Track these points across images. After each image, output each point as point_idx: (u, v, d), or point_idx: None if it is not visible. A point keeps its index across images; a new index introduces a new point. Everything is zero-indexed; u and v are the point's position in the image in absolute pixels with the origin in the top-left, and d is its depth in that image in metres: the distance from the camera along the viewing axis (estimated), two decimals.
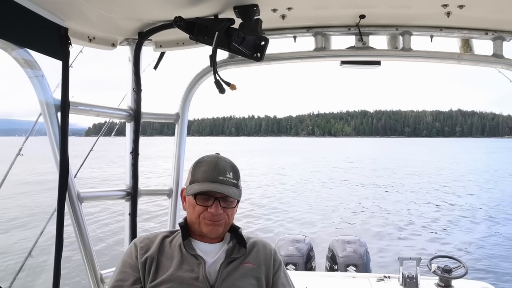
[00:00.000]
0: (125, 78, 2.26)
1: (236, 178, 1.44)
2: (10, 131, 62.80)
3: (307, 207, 14.02)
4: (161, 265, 1.37)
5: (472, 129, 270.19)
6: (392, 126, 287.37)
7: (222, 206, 1.40)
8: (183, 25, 1.72)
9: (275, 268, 1.49)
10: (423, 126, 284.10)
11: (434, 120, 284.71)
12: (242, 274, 1.40)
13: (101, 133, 3.59)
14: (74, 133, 27.19)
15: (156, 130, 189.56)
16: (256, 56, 1.88)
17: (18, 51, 1.61)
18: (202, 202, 1.39)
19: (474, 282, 3.29)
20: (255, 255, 1.47)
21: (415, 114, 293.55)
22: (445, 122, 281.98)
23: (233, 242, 1.49)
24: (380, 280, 3.25)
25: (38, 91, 1.74)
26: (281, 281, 1.47)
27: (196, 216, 1.41)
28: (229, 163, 1.47)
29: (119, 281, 1.35)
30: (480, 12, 1.85)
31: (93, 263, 2.01)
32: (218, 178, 1.39)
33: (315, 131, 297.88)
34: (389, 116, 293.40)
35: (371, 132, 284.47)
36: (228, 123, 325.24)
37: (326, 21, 2.07)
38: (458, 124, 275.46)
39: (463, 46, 2.15)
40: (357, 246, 4.13)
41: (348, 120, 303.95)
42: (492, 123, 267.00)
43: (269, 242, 1.58)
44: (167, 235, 1.49)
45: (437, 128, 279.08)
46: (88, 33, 1.96)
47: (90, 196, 2.03)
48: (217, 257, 1.43)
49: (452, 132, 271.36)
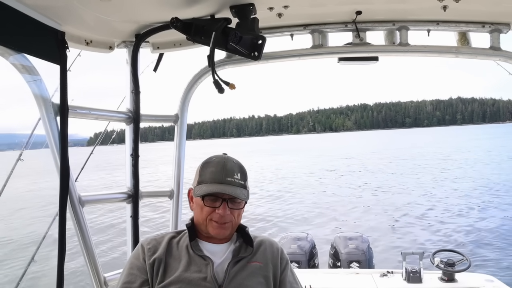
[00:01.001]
0: (123, 80, 2.26)
1: (244, 179, 1.44)
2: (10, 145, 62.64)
3: (309, 205, 14.03)
4: (169, 267, 1.37)
5: (473, 116, 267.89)
6: (393, 118, 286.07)
7: (230, 207, 1.40)
8: (180, 26, 1.72)
9: (282, 266, 1.49)
10: (423, 116, 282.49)
11: (435, 109, 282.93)
12: (249, 273, 1.40)
13: (100, 137, 3.60)
14: (76, 143, 27.21)
15: (157, 136, 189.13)
16: (254, 55, 1.88)
17: (16, 56, 1.61)
18: (210, 203, 1.39)
19: (478, 275, 3.29)
20: (262, 254, 1.48)
21: (415, 104, 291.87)
22: (446, 110, 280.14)
23: (240, 242, 1.49)
24: (384, 276, 3.26)
25: (36, 95, 1.73)
26: (288, 280, 1.47)
27: (204, 217, 1.41)
28: (237, 163, 1.47)
29: (127, 283, 1.35)
30: (477, 5, 1.85)
31: (96, 266, 2.00)
32: (226, 179, 1.39)
33: (316, 128, 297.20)
34: (389, 108, 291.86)
35: (372, 125, 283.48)
36: (228, 124, 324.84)
37: (323, 18, 2.07)
38: (459, 112, 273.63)
39: (460, 40, 2.15)
40: (360, 242, 4.14)
41: (349, 114, 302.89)
42: (493, 108, 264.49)
43: (276, 241, 1.58)
44: (174, 235, 1.49)
45: (437, 117, 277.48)
46: (85, 36, 1.96)
47: (91, 200, 2.03)
48: (225, 257, 1.43)
49: (453, 120, 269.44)
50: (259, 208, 13.58)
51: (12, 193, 5.20)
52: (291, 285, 1.47)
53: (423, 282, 3.09)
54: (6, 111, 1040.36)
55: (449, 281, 3.09)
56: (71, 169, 1.82)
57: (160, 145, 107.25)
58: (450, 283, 3.08)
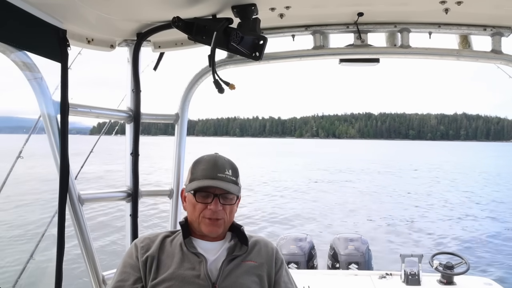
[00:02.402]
0: (124, 79, 2.26)
1: (235, 175, 1.44)
2: (10, 129, 62.28)
3: (309, 206, 14.03)
4: (161, 264, 1.37)
5: (477, 132, 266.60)
6: (397, 128, 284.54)
7: (222, 203, 1.39)
8: (182, 25, 1.72)
9: (277, 266, 1.49)
10: (427, 129, 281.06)
11: (439, 123, 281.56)
12: (244, 271, 1.40)
13: (101, 133, 3.60)
14: (79, 131, 27.25)
15: (160, 129, 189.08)
16: (255, 55, 1.88)
17: (17, 53, 1.61)
18: (201, 199, 1.40)
19: (477, 278, 3.29)
20: (257, 253, 1.47)
21: (419, 117, 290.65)
22: (450, 125, 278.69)
23: (235, 240, 1.49)
24: (382, 278, 3.25)
25: (37, 93, 1.74)
26: (283, 280, 1.47)
27: (196, 215, 1.41)
28: (228, 161, 1.47)
29: (120, 281, 1.36)
30: (478, 8, 1.85)
31: (94, 265, 2.01)
32: (217, 175, 1.39)
33: (319, 133, 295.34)
34: (393, 119, 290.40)
35: (375, 134, 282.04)
36: (232, 123, 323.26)
37: (324, 19, 2.07)
38: (463, 128, 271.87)
39: (461, 43, 2.14)
40: (359, 244, 4.13)
41: (353, 122, 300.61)
42: (497, 127, 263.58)
43: (271, 241, 1.58)
44: (168, 234, 1.49)
45: (441, 132, 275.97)
46: (86, 35, 1.97)
47: (90, 198, 2.03)
48: (219, 255, 1.43)
49: (456, 135, 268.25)
50: (261, 208, 13.59)
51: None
52: (285, 285, 1.47)
53: (421, 285, 3.08)
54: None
55: (448, 283, 3.09)
56: (71, 171, 1.83)
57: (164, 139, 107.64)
58: (448, 285, 3.08)
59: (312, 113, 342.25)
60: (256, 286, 1.39)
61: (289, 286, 1.48)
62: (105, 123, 3.58)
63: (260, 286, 1.41)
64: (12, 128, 51.66)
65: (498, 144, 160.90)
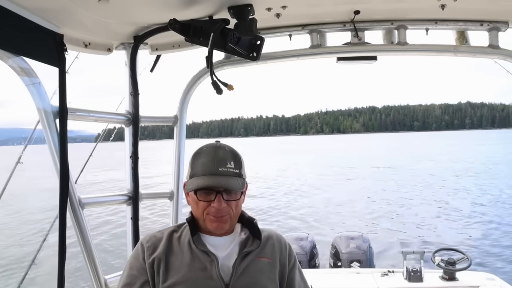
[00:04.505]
0: (122, 82, 2.26)
1: (238, 166, 1.33)
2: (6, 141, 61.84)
3: (310, 205, 14.03)
4: (170, 265, 1.31)
5: (482, 121, 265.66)
6: (401, 121, 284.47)
7: (225, 199, 1.30)
8: (178, 27, 1.72)
9: (291, 265, 1.43)
10: (432, 119, 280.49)
11: (443, 113, 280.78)
12: (258, 269, 1.33)
13: (99, 139, 3.59)
14: (84, 139, 27.20)
15: (165, 134, 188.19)
16: (252, 55, 1.88)
17: (14, 59, 1.61)
18: (203, 197, 1.30)
19: (479, 273, 3.29)
20: (271, 249, 1.40)
21: (423, 108, 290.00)
22: (454, 115, 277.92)
23: (246, 234, 1.41)
24: (385, 275, 3.25)
25: (35, 98, 1.73)
26: (296, 279, 1.43)
27: (200, 212, 1.33)
28: (230, 150, 1.36)
29: (127, 285, 1.30)
30: (475, 4, 1.85)
31: (96, 269, 2.00)
32: (218, 169, 1.29)
33: (324, 129, 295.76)
34: (397, 111, 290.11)
35: (380, 127, 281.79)
36: (236, 124, 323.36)
37: (321, 18, 2.07)
38: (468, 117, 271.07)
39: (458, 38, 2.15)
40: (360, 242, 4.14)
41: (357, 116, 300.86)
42: (502, 114, 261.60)
43: (283, 235, 1.50)
44: (175, 229, 1.41)
45: (446, 121, 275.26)
46: (83, 39, 1.96)
47: (91, 202, 2.03)
48: (230, 251, 1.35)
49: (461, 124, 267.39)
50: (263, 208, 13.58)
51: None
52: (298, 284, 1.42)
53: (424, 281, 3.08)
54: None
55: (450, 279, 3.09)
56: (71, 175, 1.82)
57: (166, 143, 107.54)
58: (451, 281, 3.08)
59: (316, 110, 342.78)
60: (272, 285, 1.34)
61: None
62: (112, 130, 3.54)
63: (275, 285, 1.35)
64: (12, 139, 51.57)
65: (504, 132, 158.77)
